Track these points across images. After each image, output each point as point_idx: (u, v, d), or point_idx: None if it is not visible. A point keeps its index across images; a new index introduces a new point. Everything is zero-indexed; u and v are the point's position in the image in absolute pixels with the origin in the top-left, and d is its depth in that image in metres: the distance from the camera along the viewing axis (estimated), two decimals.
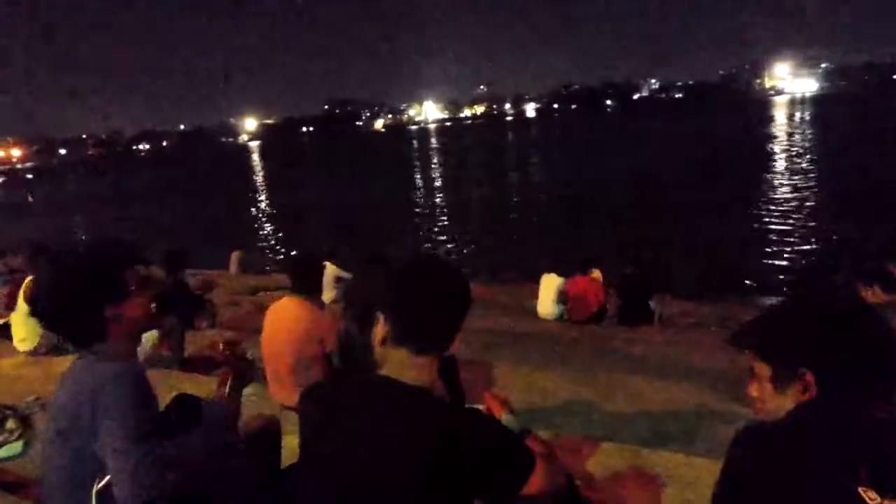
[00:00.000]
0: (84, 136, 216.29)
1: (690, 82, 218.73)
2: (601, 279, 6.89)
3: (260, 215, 25.38)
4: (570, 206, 19.23)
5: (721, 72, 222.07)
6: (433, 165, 43.95)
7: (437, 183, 31.99)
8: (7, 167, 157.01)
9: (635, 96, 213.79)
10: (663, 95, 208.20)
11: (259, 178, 49.27)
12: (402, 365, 1.21)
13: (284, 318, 3.12)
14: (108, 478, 1.40)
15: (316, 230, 18.88)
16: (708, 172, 22.99)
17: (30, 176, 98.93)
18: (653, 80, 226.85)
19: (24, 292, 5.02)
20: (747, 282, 10.20)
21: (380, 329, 1.24)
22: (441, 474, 1.08)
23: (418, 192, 27.59)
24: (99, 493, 1.41)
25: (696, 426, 3.29)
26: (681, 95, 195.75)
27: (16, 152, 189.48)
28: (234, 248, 11.91)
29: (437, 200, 24.77)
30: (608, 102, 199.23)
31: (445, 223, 19.28)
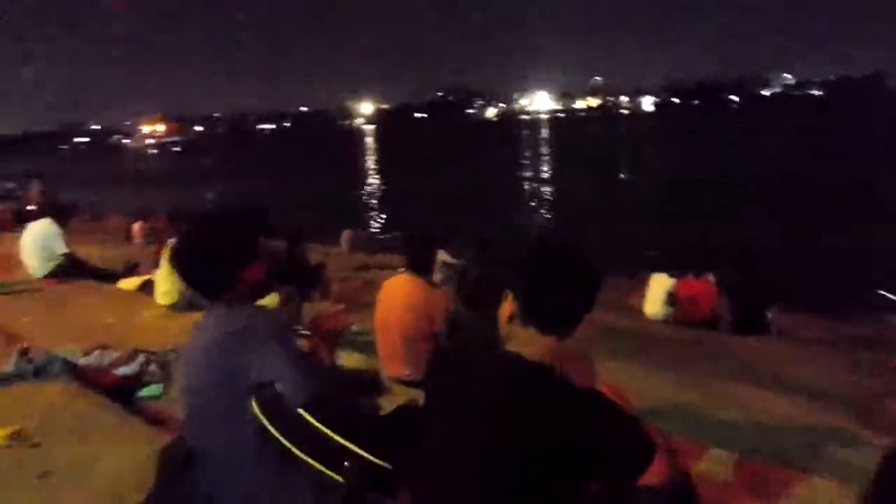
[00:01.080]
0: (216, 115, 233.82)
1: (832, 77, 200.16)
2: (715, 283, 6.56)
3: (371, 197, 26.31)
4: (684, 204, 18.33)
5: (872, 66, 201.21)
6: (542, 156, 43.40)
7: (545, 174, 31.59)
8: (155, 140, 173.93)
9: (765, 92, 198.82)
10: (798, 92, 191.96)
11: (371, 161, 50.95)
12: (527, 343, 1.25)
13: (399, 293, 3.27)
14: (273, 400, 1.61)
15: (423, 213, 19.32)
16: (853, 179, 20.97)
17: (177, 149, 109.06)
18: (786, 75, 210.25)
19: (168, 252, 5.57)
20: (882, 300, 9.29)
21: (507, 306, 1.29)
22: (560, 452, 1.11)
23: (525, 183, 27.41)
24: (265, 410, 1.62)
25: (817, 445, 3.09)
26: (820, 93, 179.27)
27: (160, 127, 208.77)
28: (345, 227, 12.48)
29: (544, 191, 24.47)
30: (733, 98, 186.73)
31: (550, 215, 19.04)
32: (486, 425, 1.18)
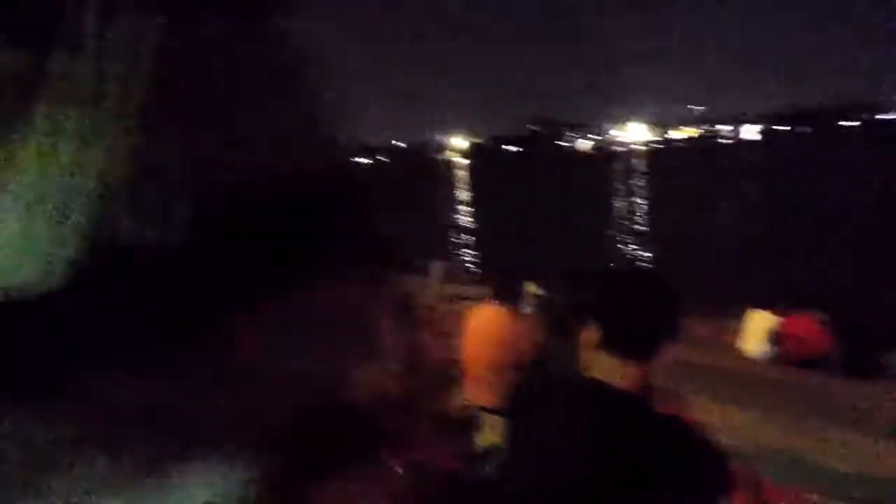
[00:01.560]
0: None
1: None
2: (821, 321, 6.17)
3: (462, 231, 26.67)
4: (788, 239, 17.23)
5: None
6: (636, 188, 42.32)
7: (638, 207, 30.76)
8: None
9: (881, 117, 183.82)
10: None
11: (465, 194, 51.65)
12: (610, 371, 1.26)
13: (486, 323, 3.36)
14: None
15: (514, 247, 19.34)
16: None
17: None
18: None
19: None
20: None
21: (588, 335, 1.31)
22: (642, 479, 1.13)
23: (617, 217, 26.80)
24: None
25: None
26: None
27: None
28: (435, 258, 12.80)
29: (635, 225, 23.83)
30: (844, 124, 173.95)
31: (640, 250, 18.49)
32: (576, 452, 1.19)
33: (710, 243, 18.18)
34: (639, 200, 34.72)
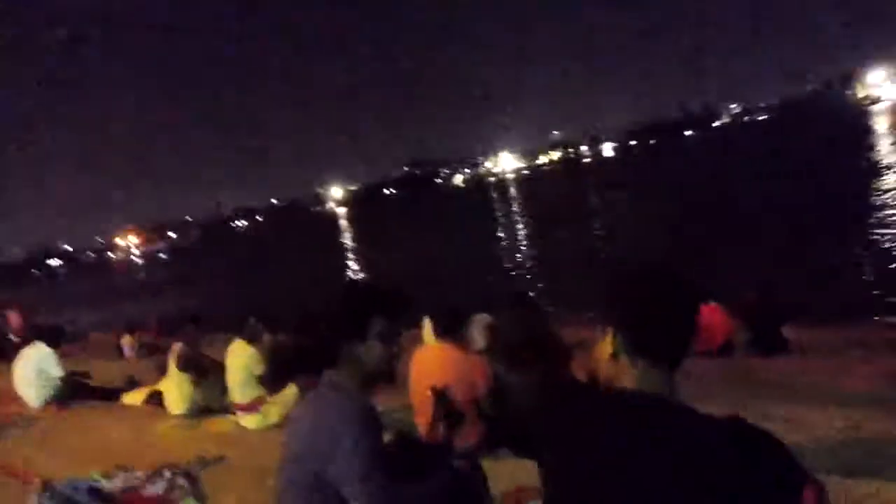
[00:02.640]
0: (188, 219, 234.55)
1: (775, 102, 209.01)
2: (721, 309, 6.56)
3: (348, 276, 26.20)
4: (663, 242, 18.52)
5: (809, 87, 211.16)
6: (514, 215, 44.03)
7: (519, 233, 31.94)
8: (126, 254, 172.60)
9: (716, 123, 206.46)
10: (746, 119, 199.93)
11: (349, 241, 51.14)
12: (641, 378, 1.17)
13: (433, 360, 3.19)
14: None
15: (409, 288, 19.16)
16: (809, 192, 21.56)
17: (163, 255, 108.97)
18: (733, 105, 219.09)
19: (176, 358, 5.43)
20: (878, 302, 9.36)
21: (606, 345, 1.22)
22: (696, 486, 1.04)
23: (502, 244, 27.63)
24: None
25: (882, 453, 3.01)
26: (766, 117, 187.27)
27: (133, 239, 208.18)
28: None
29: (521, 249, 24.70)
30: (687, 133, 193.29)
31: (532, 270, 19.15)
32: (617, 471, 1.09)
33: (588, 257, 19.08)
34: (517, 225, 36.01)
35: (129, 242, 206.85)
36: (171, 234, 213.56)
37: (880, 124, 58.74)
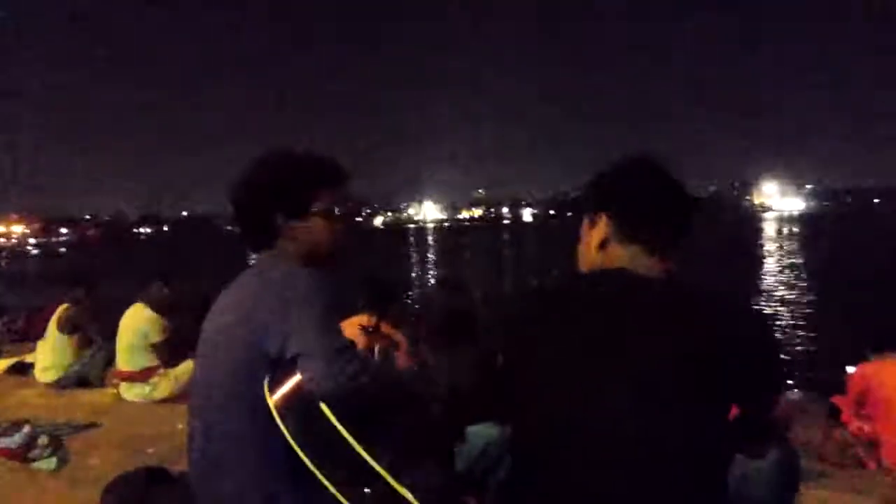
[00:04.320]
0: (87, 217, 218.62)
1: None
2: None
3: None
4: None
5: (711, 188, 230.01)
6: (428, 263, 44.33)
7: (430, 277, 32.12)
8: (7, 243, 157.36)
9: None
10: None
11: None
12: (634, 261, 1.12)
13: (355, 330, 3.05)
14: (287, 383, 1.25)
15: None
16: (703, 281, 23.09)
17: (34, 252, 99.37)
18: None
19: (58, 319, 4.89)
20: None
21: (599, 230, 1.18)
22: (700, 376, 0.99)
23: (413, 288, 27.67)
24: (278, 402, 1.24)
25: None
26: None
27: (17, 229, 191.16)
28: None
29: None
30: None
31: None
32: (632, 351, 1.02)
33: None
34: (429, 272, 36.09)
35: (13, 232, 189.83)
36: (62, 229, 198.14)
37: (768, 229, 64.54)
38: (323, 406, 1.21)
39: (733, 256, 32.09)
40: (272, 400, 1.24)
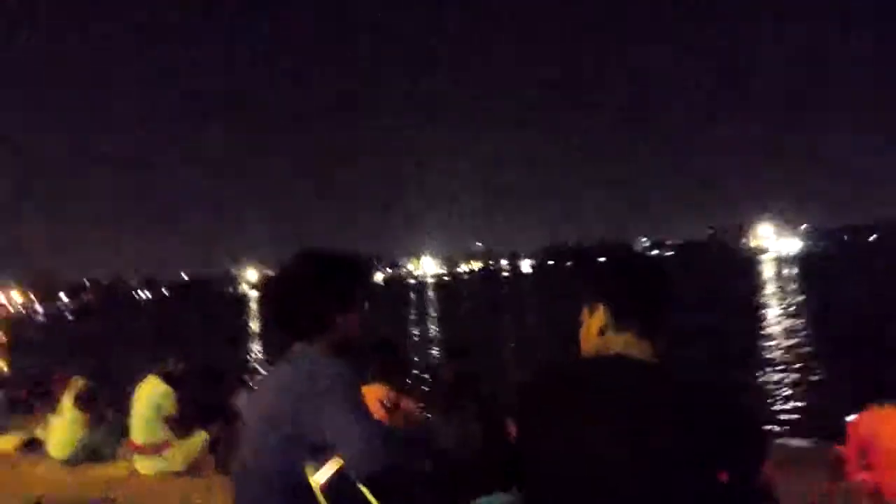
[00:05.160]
0: (87, 283, 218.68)
1: (680, 242, 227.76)
2: None
3: (260, 363, 25.04)
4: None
5: (709, 231, 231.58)
6: (430, 318, 44.21)
7: (431, 335, 31.99)
8: (13, 312, 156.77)
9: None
10: (654, 253, 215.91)
11: (256, 327, 49.20)
12: (629, 347, 1.30)
13: (371, 399, 3.14)
14: (329, 469, 1.38)
15: None
16: (702, 329, 23.01)
17: (42, 320, 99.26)
18: (643, 239, 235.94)
19: (72, 394, 4.98)
20: None
21: (597, 319, 1.36)
22: (692, 444, 1.14)
23: (415, 345, 27.53)
24: (323, 485, 1.38)
25: None
26: (671, 253, 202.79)
27: (15, 296, 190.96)
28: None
29: (433, 353, 24.71)
30: (600, 260, 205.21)
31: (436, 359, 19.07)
32: (611, 433, 1.18)
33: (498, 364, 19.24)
34: (431, 329, 35.94)
35: (12, 299, 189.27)
36: (62, 295, 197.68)
37: (766, 272, 64.57)
38: (362, 487, 1.37)
39: (733, 302, 32.09)
40: (316, 483, 1.38)
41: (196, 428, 4.50)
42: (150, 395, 4.44)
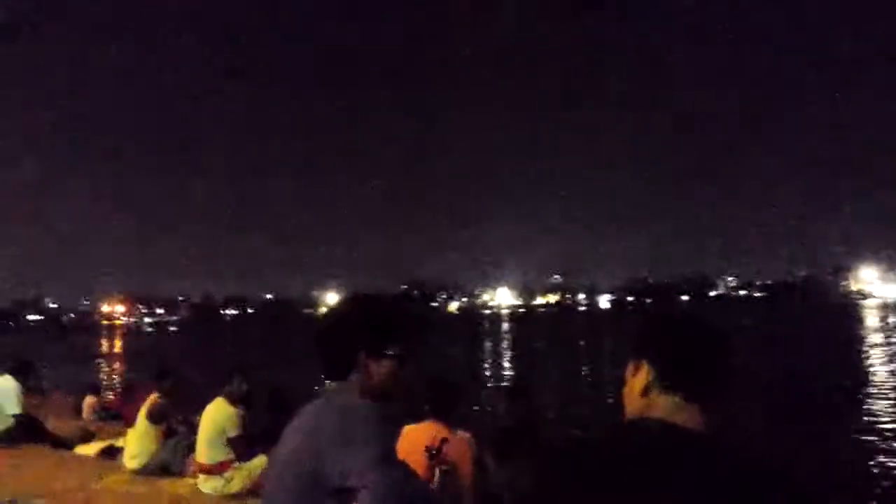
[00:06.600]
0: (181, 299, 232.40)
1: (769, 282, 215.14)
2: None
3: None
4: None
5: (802, 273, 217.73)
6: (503, 352, 43.79)
7: (505, 371, 31.60)
8: (109, 322, 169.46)
9: (711, 293, 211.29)
10: (741, 293, 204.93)
11: None
12: (674, 412, 1.19)
13: (422, 440, 3.07)
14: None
15: None
16: (794, 376, 21.46)
17: (149, 329, 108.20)
18: (730, 278, 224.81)
19: (148, 410, 5.20)
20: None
21: (641, 377, 1.25)
22: None
23: (487, 377, 27.25)
24: None
25: None
26: (760, 294, 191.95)
27: (120, 308, 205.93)
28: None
29: (498, 386, 24.38)
30: (682, 297, 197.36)
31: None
32: (669, 499, 1.06)
33: (570, 406, 18.68)
34: (504, 363, 35.54)
35: (116, 311, 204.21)
36: (158, 309, 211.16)
37: (871, 318, 59.79)
38: None
39: (825, 350, 29.80)
40: None
41: (259, 451, 4.55)
42: (215, 417, 4.55)
